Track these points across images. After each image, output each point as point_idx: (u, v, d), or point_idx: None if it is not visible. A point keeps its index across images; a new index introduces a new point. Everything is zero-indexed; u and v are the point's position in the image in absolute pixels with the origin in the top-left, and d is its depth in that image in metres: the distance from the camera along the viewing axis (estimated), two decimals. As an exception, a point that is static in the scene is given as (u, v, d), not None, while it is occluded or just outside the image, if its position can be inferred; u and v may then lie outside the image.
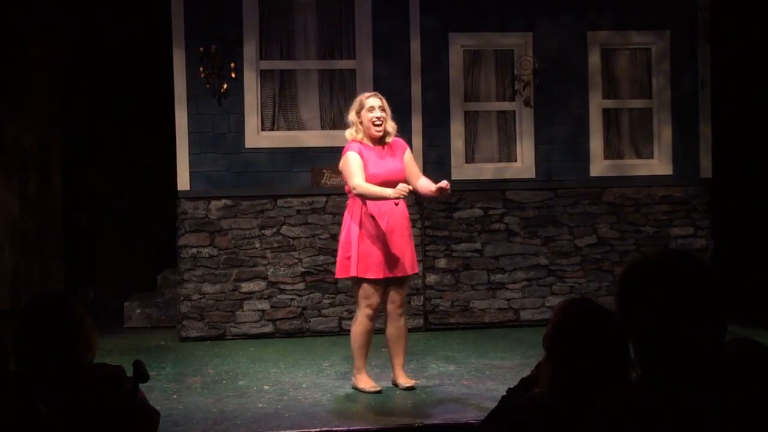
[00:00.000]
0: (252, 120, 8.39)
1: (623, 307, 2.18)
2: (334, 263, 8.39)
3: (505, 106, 8.83)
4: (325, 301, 8.48)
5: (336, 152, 8.45)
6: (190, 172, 8.32)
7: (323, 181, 8.43)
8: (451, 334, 8.37)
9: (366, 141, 6.21)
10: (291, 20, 8.55)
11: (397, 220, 6.15)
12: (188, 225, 8.35)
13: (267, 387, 6.46)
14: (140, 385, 3.24)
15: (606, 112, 8.93)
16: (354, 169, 6.09)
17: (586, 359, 2.77)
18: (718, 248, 8.96)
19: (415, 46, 8.56)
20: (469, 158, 8.77)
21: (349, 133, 6.29)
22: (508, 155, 8.83)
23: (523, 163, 8.77)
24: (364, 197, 6.09)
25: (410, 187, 5.98)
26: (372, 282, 6.13)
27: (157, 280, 9.43)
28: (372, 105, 6.18)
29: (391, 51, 8.54)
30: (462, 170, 8.67)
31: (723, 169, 9.28)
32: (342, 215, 8.42)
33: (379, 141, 6.23)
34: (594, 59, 8.81)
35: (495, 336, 8.26)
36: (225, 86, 8.30)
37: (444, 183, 6.02)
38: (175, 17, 8.31)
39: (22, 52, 10.47)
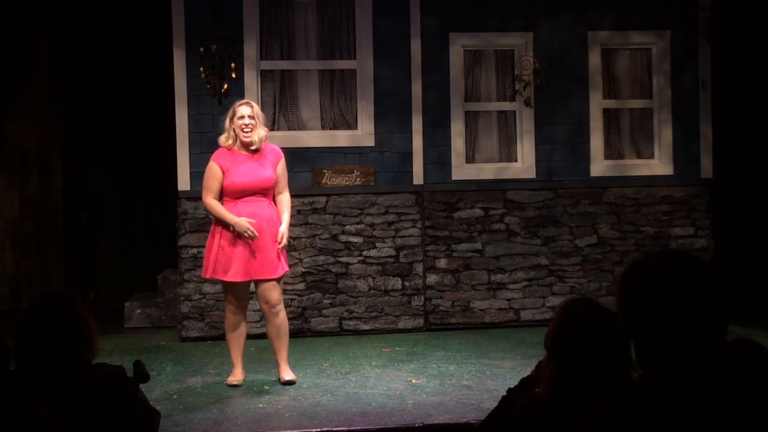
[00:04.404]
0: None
1: (624, 308, 2.18)
2: (335, 263, 8.45)
3: (506, 106, 8.83)
4: (326, 301, 8.48)
5: (336, 152, 8.51)
6: (191, 172, 8.32)
7: (324, 181, 8.43)
8: (451, 334, 8.38)
9: (238, 148, 6.44)
10: (291, 20, 8.55)
11: (257, 224, 6.30)
12: (189, 225, 8.36)
13: (267, 387, 6.46)
14: (141, 385, 3.24)
15: (606, 112, 8.93)
16: (207, 182, 6.45)
17: (587, 359, 2.77)
18: (718, 248, 8.96)
19: (416, 46, 8.55)
20: (470, 158, 8.77)
21: (220, 138, 6.53)
22: (509, 155, 8.83)
23: (524, 163, 8.77)
24: (211, 214, 6.49)
25: (256, 234, 6.24)
26: (228, 283, 6.40)
27: (157, 280, 9.43)
28: (242, 113, 6.41)
29: (392, 51, 8.54)
30: (462, 170, 8.66)
31: (723, 169, 9.28)
32: (342, 215, 8.48)
33: (249, 147, 6.43)
34: (594, 59, 8.81)
35: (495, 336, 8.26)
36: (225, 86, 8.29)
37: (281, 239, 6.39)
38: (175, 17, 8.31)
39: (22, 52, 10.48)
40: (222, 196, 6.43)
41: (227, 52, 8.29)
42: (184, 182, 8.33)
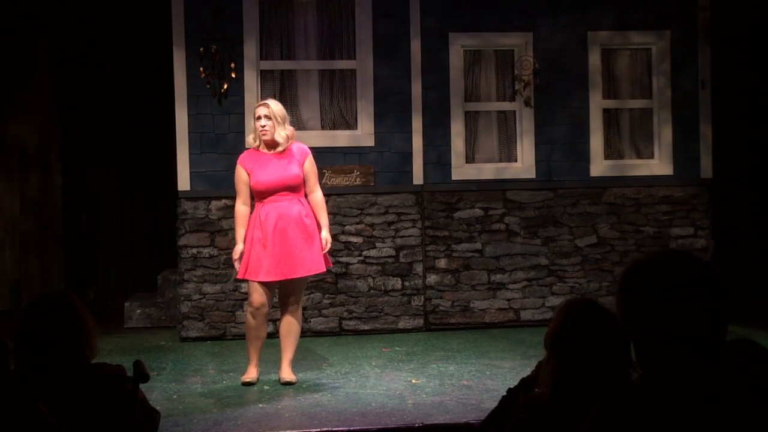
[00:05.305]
0: (252, 120, 8.38)
1: (624, 308, 2.18)
2: (335, 263, 8.43)
3: (506, 106, 8.83)
4: (325, 301, 8.48)
5: (336, 152, 8.51)
6: (191, 172, 8.32)
7: (323, 181, 8.41)
8: (451, 334, 8.38)
9: (262, 148, 6.52)
10: (291, 20, 8.55)
11: (285, 223, 6.34)
12: (188, 225, 8.36)
13: (267, 387, 6.46)
14: (140, 385, 3.24)
15: (606, 112, 8.93)
16: (235, 185, 6.56)
17: (587, 359, 2.77)
18: (718, 248, 8.95)
19: (416, 46, 8.55)
20: (470, 158, 8.77)
21: (248, 139, 6.70)
22: (509, 155, 8.83)
23: (524, 163, 8.77)
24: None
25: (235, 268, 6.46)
26: (254, 285, 6.41)
27: (157, 280, 9.43)
28: (259, 114, 6.51)
29: (392, 51, 8.53)
30: (462, 170, 8.67)
31: (723, 169, 9.28)
32: (341, 215, 8.48)
33: (274, 147, 6.48)
34: (594, 59, 8.81)
35: (495, 336, 8.26)
36: (225, 86, 8.30)
37: (326, 245, 6.43)
38: (175, 17, 8.32)
39: (22, 52, 10.47)
40: (252, 197, 6.51)
41: (227, 52, 8.28)
42: (184, 182, 8.33)
